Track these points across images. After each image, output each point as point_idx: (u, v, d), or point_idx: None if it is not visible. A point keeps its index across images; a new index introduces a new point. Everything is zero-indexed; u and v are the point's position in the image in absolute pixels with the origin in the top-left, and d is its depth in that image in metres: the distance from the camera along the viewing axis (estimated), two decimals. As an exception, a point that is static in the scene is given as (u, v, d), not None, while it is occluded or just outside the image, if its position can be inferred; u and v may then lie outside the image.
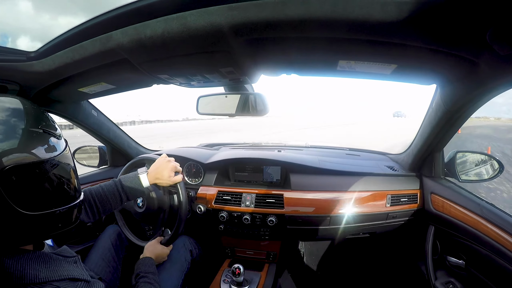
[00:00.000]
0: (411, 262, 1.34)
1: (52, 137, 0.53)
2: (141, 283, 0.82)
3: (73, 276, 0.56)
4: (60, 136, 0.56)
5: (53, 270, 0.54)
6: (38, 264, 0.53)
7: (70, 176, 0.57)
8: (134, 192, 0.94)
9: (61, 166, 0.54)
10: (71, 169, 0.57)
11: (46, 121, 0.54)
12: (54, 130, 0.54)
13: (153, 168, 0.98)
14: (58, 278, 0.53)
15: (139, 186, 0.94)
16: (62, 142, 0.56)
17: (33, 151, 0.49)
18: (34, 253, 0.54)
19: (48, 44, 0.69)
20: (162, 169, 0.97)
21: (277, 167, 1.31)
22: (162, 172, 0.97)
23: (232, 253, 1.43)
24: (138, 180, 0.94)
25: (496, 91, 0.65)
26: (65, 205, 0.55)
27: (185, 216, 1.11)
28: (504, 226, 0.80)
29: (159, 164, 0.98)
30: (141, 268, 0.88)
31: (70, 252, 0.64)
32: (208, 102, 1.01)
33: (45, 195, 0.51)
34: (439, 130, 0.93)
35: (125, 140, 1.53)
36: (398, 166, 1.32)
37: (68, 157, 0.57)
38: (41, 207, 0.50)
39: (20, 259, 0.51)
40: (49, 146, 0.52)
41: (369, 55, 0.59)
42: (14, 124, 0.48)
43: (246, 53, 0.59)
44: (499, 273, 0.83)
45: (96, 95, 1.01)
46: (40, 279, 0.51)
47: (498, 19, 0.40)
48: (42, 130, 0.51)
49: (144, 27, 0.52)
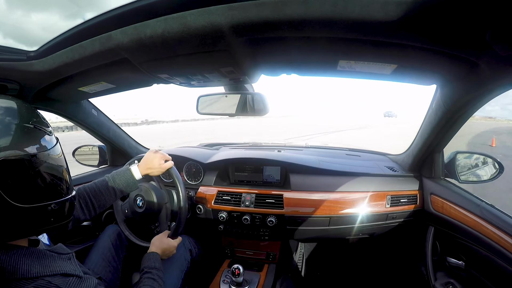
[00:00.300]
0: (410, 262, 1.34)
1: (43, 132, 0.55)
2: (145, 278, 0.81)
3: (65, 272, 0.56)
4: (51, 132, 0.58)
5: (46, 265, 0.54)
6: (31, 259, 0.53)
7: (61, 170, 0.59)
8: (127, 184, 0.95)
9: (52, 161, 0.56)
10: (62, 164, 0.59)
11: (37, 117, 0.56)
12: (45, 126, 0.56)
13: (143, 160, 1.01)
14: (50, 273, 0.53)
15: (131, 178, 0.96)
16: (53, 138, 0.58)
17: (25, 144, 0.51)
18: (28, 249, 0.55)
19: (48, 44, 0.69)
20: (151, 159, 1.00)
21: (277, 167, 1.31)
22: (152, 161, 1.00)
23: (232, 253, 1.43)
24: (129, 172, 0.96)
25: (496, 92, 0.65)
26: (56, 199, 0.56)
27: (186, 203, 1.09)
28: (503, 227, 0.80)
29: (148, 156, 1.02)
30: (145, 264, 0.87)
31: (64, 249, 0.65)
32: (208, 102, 1.01)
33: (36, 188, 0.53)
34: (439, 130, 0.93)
35: (125, 140, 1.53)
36: (398, 167, 1.32)
37: (59, 152, 0.59)
38: (32, 199, 0.52)
39: (14, 254, 0.52)
40: (40, 141, 0.54)
41: (369, 55, 0.59)
42: (6, 120, 0.50)
43: (246, 53, 0.59)
44: (499, 274, 0.83)
45: (96, 94, 1.01)
46: (32, 274, 0.51)
47: (498, 20, 0.40)
48: (33, 126, 0.53)
49: (144, 26, 0.52)
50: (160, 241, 0.98)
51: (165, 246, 0.97)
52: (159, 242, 0.97)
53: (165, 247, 0.97)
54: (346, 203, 1.17)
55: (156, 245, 0.96)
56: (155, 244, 0.96)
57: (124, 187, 0.95)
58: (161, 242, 0.98)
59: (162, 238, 0.99)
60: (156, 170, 1.01)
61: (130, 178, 0.96)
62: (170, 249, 0.99)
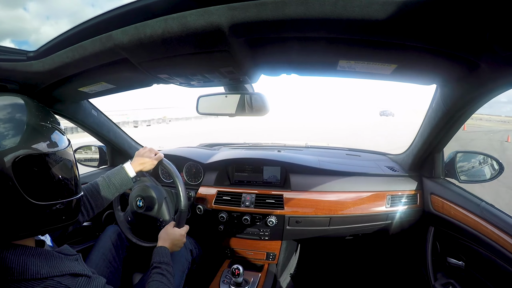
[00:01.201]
0: (410, 263, 1.34)
1: (58, 131, 0.58)
2: (154, 274, 0.80)
3: (74, 272, 0.56)
4: (64, 132, 0.61)
5: (54, 266, 0.55)
6: (40, 260, 0.54)
7: (73, 169, 0.62)
8: (122, 182, 0.97)
9: (67, 159, 0.59)
10: (74, 164, 0.63)
11: (53, 117, 0.60)
12: (60, 125, 0.60)
13: (135, 157, 1.04)
14: (59, 273, 0.54)
15: (125, 176, 0.98)
16: (66, 137, 0.61)
17: (43, 143, 0.53)
18: (36, 249, 0.55)
19: (48, 44, 0.69)
20: (141, 154, 1.04)
21: (277, 167, 1.31)
22: (143, 157, 1.03)
23: (232, 254, 1.43)
24: (123, 171, 0.98)
25: (496, 92, 0.65)
26: (69, 197, 0.59)
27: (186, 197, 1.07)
28: (504, 227, 0.80)
29: (138, 152, 1.05)
30: (154, 259, 0.86)
31: (71, 251, 0.65)
32: (208, 102, 1.01)
33: (52, 186, 0.55)
34: (439, 130, 0.93)
35: (125, 140, 1.53)
36: (398, 167, 1.32)
37: (71, 152, 0.62)
38: (48, 197, 0.54)
39: (22, 254, 0.52)
40: (56, 140, 0.57)
41: (369, 55, 0.59)
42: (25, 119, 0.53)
43: (246, 53, 0.59)
44: (499, 275, 0.83)
45: (96, 94, 1.01)
46: (41, 274, 0.52)
47: (498, 20, 0.40)
48: (50, 125, 0.57)
49: (144, 26, 0.52)
50: (166, 233, 0.95)
51: (173, 237, 0.95)
52: (166, 235, 0.95)
53: (173, 237, 0.95)
54: (346, 203, 1.17)
55: (164, 238, 0.94)
56: (162, 237, 0.94)
57: (120, 185, 0.96)
58: (167, 234, 0.95)
59: (168, 230, 0.97)
60: (148, 164, 1.03)
61: (124, 175, 0.98)
62: (179, 238, 0.96)
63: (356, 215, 1.17)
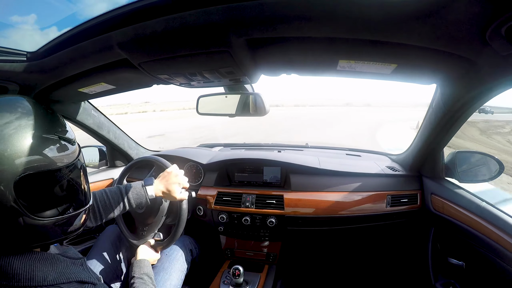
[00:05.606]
0: (411, 263, 1.33)
1: (67, 143, 0.53)
2: (137, 283, 0.81)
3: (80, 279, 0.56)
4: (74, 142, 0.56)
5: (61, 272, 0.54)
6: (46, 266, 0.53)
7: (83, 181, 0.58)
8: (139, 202, 0.91)
9: (76, 172, 0.55)
10: (83, 174, 0.59)
11: (62, 127, 0.54)
12: (69, 136, 0.55)
13: (162, 180, 0.93)
14: (66, 280, 0.53)
15: (144, 197, 0.91)
16: (76, 147, 0.56)
17: (49, 158, 0.49)
18: (42, 254, 0.54)
19: (48, 44, 0.69)
20: (171, 183, 0.93)
21: (277, 167, 1.31)
22: (171, 186, 0.93)
23: (232, 254, 1.42)
24: (143, 192, 0.91)
25: (496, 91, 0.65)
26: (77, 210, 0.56)
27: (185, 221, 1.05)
28: (504, 227, 0.80)
29: (169, 177, 0.94)
30: (136, 270, 0.87)
31: (76, 254, 0.64)
32: (208, 102, 1.01)
33: (59, 201, 0.52)
34: (439, 130, 0.93)
35: (125, 141, 1.53)
36: (398, 167, 1.31)
37: (81, 162, 0.58)
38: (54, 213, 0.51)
39: (28, 260, 0.51)
40: (64, 153, 0.52)
41: (369, 55, 0.59)
42: (30, 131, 0.48)
43: (246, 53, 0.59)
44: (500, 275, 0.83)
45: (96, 95, 1.01)
46: (48, 281, 0.51)
47: (497, 19, 0.40)
48: (57, 137, 0.52)
49: (144, 27, 0.52)
50: (147, 251, 0.98)
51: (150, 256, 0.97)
52: (146, 252, 0.97)
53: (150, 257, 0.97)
54: (347, 203, 1.17)
55: (144, 254, 0.96)
56: (142, 252, 0.96)
57: (135, 203, 0.90)
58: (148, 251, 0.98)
59: (148, 251, 0.99)
60: (172, 198, 0.94)
61: (143, 196, 0.90)
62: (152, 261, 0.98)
63: (357, 216, 1.17)
